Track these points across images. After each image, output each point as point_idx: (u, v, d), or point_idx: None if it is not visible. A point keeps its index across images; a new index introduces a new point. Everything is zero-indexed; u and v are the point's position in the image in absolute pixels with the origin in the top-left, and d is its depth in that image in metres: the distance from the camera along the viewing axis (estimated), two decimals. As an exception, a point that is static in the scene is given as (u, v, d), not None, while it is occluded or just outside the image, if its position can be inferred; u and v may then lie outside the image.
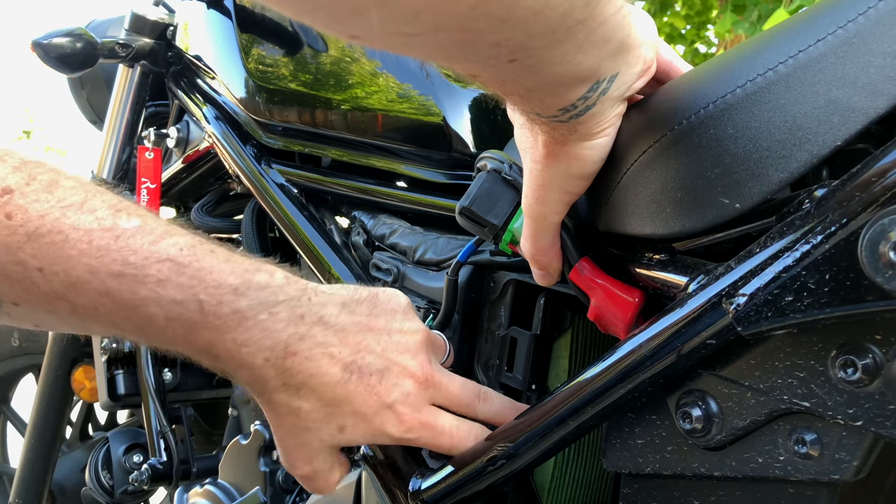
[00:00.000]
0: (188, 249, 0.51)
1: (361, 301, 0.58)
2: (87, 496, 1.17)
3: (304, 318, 0.54)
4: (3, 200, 0.47)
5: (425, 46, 0.38)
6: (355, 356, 0.55)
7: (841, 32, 0.42)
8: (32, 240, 0.47)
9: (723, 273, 0.43)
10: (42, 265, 0.48)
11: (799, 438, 0.43)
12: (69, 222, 0.48)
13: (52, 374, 1.30)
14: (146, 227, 0.51)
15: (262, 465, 0.88)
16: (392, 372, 0.56)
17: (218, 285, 0.51)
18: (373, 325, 0.57)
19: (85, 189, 0.50)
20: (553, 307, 0.65)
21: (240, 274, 0.52)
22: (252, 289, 0.52)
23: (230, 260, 0.53)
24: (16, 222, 0.47)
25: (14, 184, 0.48)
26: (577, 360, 0.66)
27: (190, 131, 1.16)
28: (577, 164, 0.50)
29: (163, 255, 0.50)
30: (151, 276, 0.50)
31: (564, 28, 0.38)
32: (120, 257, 0.49)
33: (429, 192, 0.82)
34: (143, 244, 0.50)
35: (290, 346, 0.53)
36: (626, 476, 0.52)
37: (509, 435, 0.54)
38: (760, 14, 4.99)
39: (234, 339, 0.52)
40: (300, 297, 0.55)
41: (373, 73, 0.83)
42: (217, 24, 1.03)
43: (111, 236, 0.49)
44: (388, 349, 0.57)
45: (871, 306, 0.37)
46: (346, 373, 0.55)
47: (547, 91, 0.44)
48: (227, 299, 0.51)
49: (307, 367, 0.54)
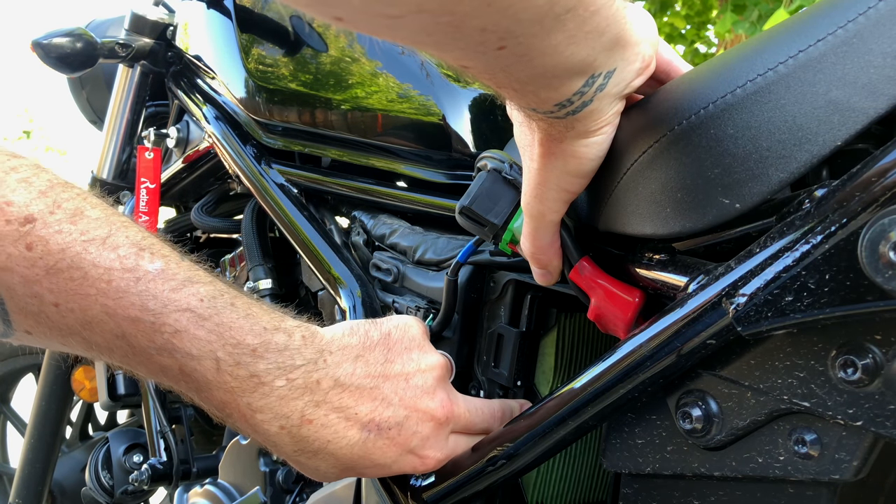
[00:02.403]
0: (209, 301, 0.50)
1: (374, 346, 0.56)
2: (87, 496, 1.17)
3: (321, 384, 0.53)
4: (24, 230, 0.45)
5: (410, 30, 0.38)
6: (373, 414, 0.54)
7: (841, 32, 0.42)
8: (51, 275, 0.46)
9: (723, 273, 0.43)
10: (58, 301, 0.46)
11: (799, 438, 0.43)
12: (90, 258, 0.46)
13: (52, 374, 1.30)
14: (168, 271, 0.49)
15: (262, 465, 0.88)
16: (411, 419, 0.56)
17: (237, 344, 0.50)
18: (389, 373, 0.56)
19: (110, 222, 0.48)
20: (539, 305, 0.65)
21: (259, 333, 0.51)
22: (270, 351, 0.51)
23: (250, 315, 0.51)
24: (35, 254, 0.45)
25: (38, 212, 0.46)
26: (563, 357, 0.66)
27: (190, 131, 1.16)
28: (574, 162, 0.50)
29: (182, 305, 0.48)
30: (169, 325, 0.48)
31: (553, 15, 0.38)
32: (139, 301, 0.47)
33: (429, 192, 0.82)
34: (163, 290, 0.48)
35: (307, 415, 0.52)
36: (626, 476, 0.52)
37: (509, 435, 0.54)
38: (760, 14, 4.99)
39: (250, 405, 0.51)
40: (317, 359, 0.53)
41: (373, 73, 0.83)
42: (217, 24, 1.03)
43: (132, 278, 0.47)
44: (406, 396, 0.56)
45: (871, 306, 0.37)
46: (364, 432, 0.54)
47: (540, 84, 0.44)
48: (244, 360, 0.50)
49: (323, 434, 0.53)
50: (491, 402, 0.61)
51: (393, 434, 0.55)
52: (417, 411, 0.56)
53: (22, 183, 0.46)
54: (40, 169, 0.48)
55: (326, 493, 0.77)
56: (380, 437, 0.54)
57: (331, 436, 0.53)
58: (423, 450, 0.56)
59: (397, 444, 0.55)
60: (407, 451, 0.56)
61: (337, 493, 0.74)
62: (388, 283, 0.80)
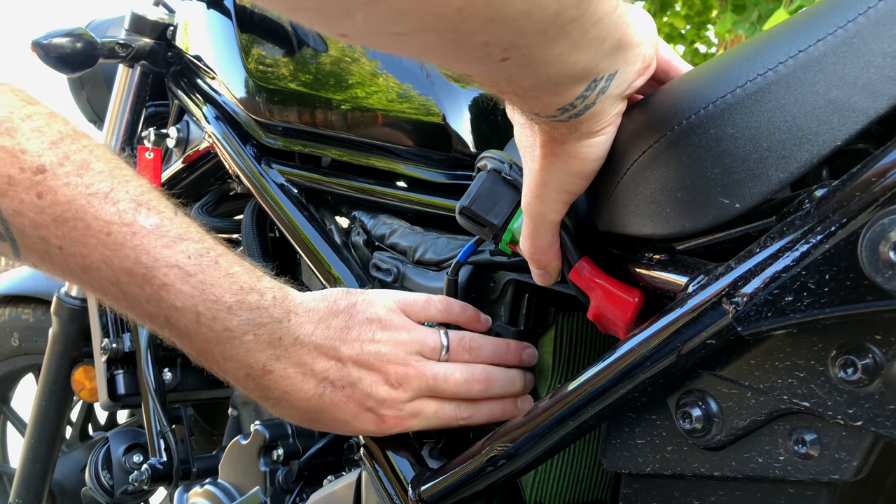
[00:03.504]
0: (195, 258, 0.54)
1: (339, 313, 0.61)
2: (87, 496, 1.17)
3: (282, 340, 0.57)
4: (37, 179, 0.50)
5: (415, 45, 0.38)
6: (327, 372, 0.59)
7: (841, 32, 0.42)
8: (57, 223, 0.50)
9: (723, 273, 0.43)
10: (63, 245, 0.51)
11: (799, 438, 0.43)
12: (93, 211, 0.51)
13: (52, 374, 1.30)
14: (162, 227, 0.53)
15: (262, 465, 0.88)
16: (365, 381, 0.59)
17: (215, 300, 0.54)
18: (346, 337, 0.60)
19: (113, 175, 0.52)
20: (537, 304, 0.65)
21: (236, 292, 0.55)
22: (243, 309, 0.55)
23: (230, 275, 0.56)
24: (45, 202, 0.50)
25: (48, 163, 0.50)
26: (560, 356, 0.66)
27: (190, 131, 1.16)
28: (576, 163, 0.50)
29: (171, 261, 0.53)
30: (158, 279, 0.53)
31: (557, 27, 0.38)
32: (133, 255, 0.52)
33: (429, 192, 0.82)
34: (155, 246, 0.52)
35: (268, 367, 0.57)
36: (626, 476, 0.52)
37: (509, 435, 0.54)
38: (760, 14, 4.99)
39: (222, 353, 0.56)
40: (282, 319, 0.58)
41: (373, 73, 0.83)
42: (217, 24, 1.03)
43: (129, 232, 0.52)
44: (360, 360, 0.59)
45: (871, 306, 0.37)
46: (320, 387, 0.58)
47: (544, 90, 0.44)
48: (220, 316, 0.55)
49: (282, 385, 0.58)
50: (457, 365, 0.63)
51: (348, 392, 0.59)
52: (372, 371, 0.60)
53: (36, 132, 0.50)
54: (53, 118, 0.52)
55: (326, 493, 0.77)
56: (335, 393, 0.59)
57: (289, 387, 0.58)
58: (380, 409, 0.60)
59: (354, 402, 0.59)
60: (364, 409, 0.60)
61: (337, 493, 0.74)
62: (388, 283, 0.80)
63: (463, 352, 0.63)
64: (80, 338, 1.27)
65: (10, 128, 0.50)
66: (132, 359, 1.15)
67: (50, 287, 1.36)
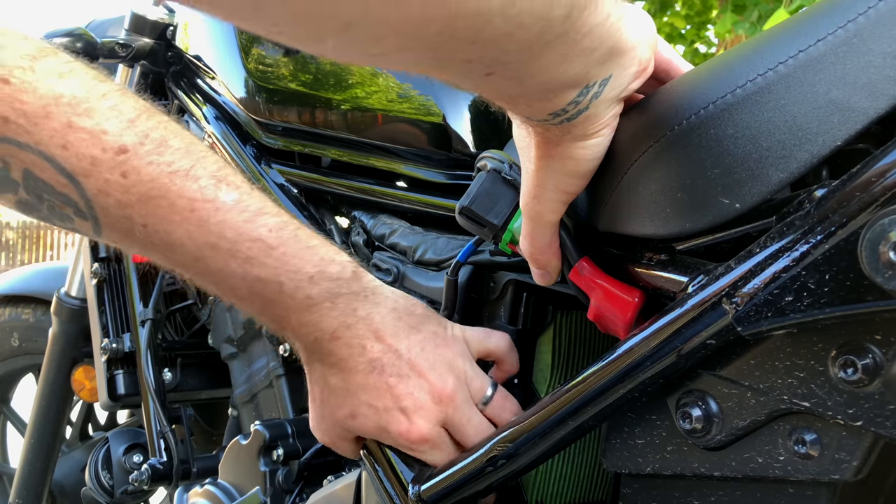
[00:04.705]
0: (276, 231, 0.56)
1: (413, 314, 0.61)
2: (87, 496, 1.17)
3: (356, 312, 0.59)
4: (120, 159, 0.51)
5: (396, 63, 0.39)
6: (383, 355, 0.59)
7: (841, 32, 0.42)
8: (142, 202, 0.52)
9: (723, 273, 0.43)
10: (147, 223, 0.52)
11: (799, 438, 0.43)
12: (176, 189, 0.52)
13: (52, 374, 1.30)
14: (242, 202, 0.55)
15: (262, 465, 0.88)
16: (412, 380, 0.59)
17: (297, 270, 0.56)
18: (411, 337, 0.60)
19: (190, 152, 0.54)
20: (536, 303, 0.65)
21: (316, 263, 0.57)
22: (325, 279, 0.58)
23: (311, 247, 0.58)
24: (129, 182, 0.51)
25: (130, 143, 0.51)
26: (559, 355, 0.66)
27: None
28: (572, 164, 0.49)
29: (254, 235, 0.55)
30: (241, 252, 0.54)
31: (542, 42, 0.37)
32: (217, 230, 0.54)
33: (429, 192, 0.82)
34: (238, 221, 0.54)
35: (337, 332, 0.58)
36: (626, 476, 0.52)
37: (509, 435, 0.54)
38: (760, 14, 4.99)
39: (299, 319, 0.58)
40: (359, 293, 0.59)
41: (373, 73, 0.83)
42: (217, 24, 1.03)
43: (212, 208, 0.53)
44: (415, 360, 0.59)
45: (871, 306, 0.37)
46: (370, 366, 0.59)
47: (533, 97, 0.44)
48: (302, 285, 0.57)
49: (343, 351, 0.59)
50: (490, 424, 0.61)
51: (392, 382, 0.59)
52: (421, 377, 0.59)
53: (113, 111, 0.51)
54: (125, 94, 0.53)
55: (326, 493, 0.77)
56: (381, 377, 0.59)
57: (346, 354, 0.59)
58: (413, 414, 0.59)
59: (392, 395, 0.59)
60: (398, 407, 0.59)
61: (337, 492, 0.74)
62: (387, 283, 0.80)
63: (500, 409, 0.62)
64: (80, 338, 1.27)
65: (88, 108, 0.50)
66: (132, 359, 1.15)
67: (50, 287, 1.36)
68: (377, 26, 0.33)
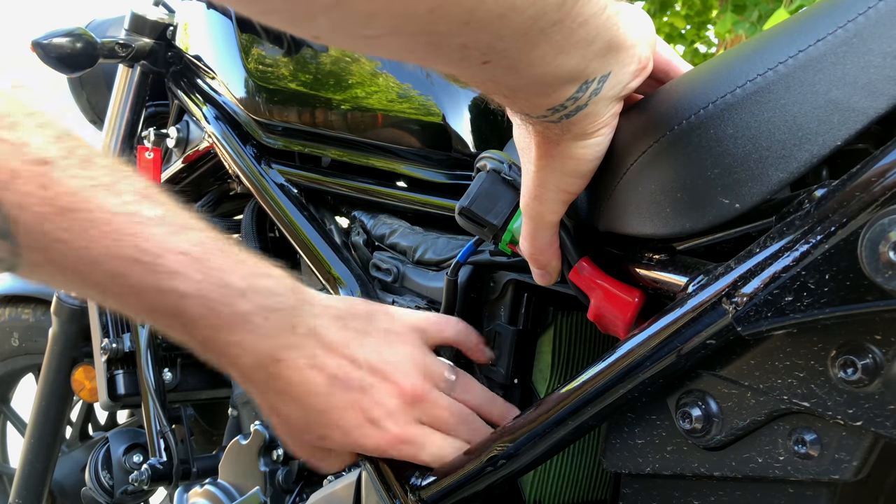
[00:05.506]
0: (202, 245, 0.53)
1: (358, 316, 0.59)
2: (87, 496, 1.17)
3: (296, 328, 0.55)
4: (41, 171, 0.48)
5: (390, 48, 0.38)
6: (340, 370, 0.56)
7: (841, 32, 0.42)
8: (61, 214, 0.49)
9: (723, 273, 0.43)
10: (66, 238, 0.49)
11: (799, 438, 0.43)
12: (97, 202, 0.50)
13: (52, 374, 1.30)
14: (167, 217, 0.52)
15: (262, 465, 0.88)
16: (377, 389, 0.57)
17: (225, 285, 0.53)
18: (363, 342, 0.58)
19: (115, 172, 0.52)
20: (536, 303, 0.65)
21: (246, 276, 0.54)
22: (256, 293, 0.54)
23: (241, 262, 0.54)
24: (49, 194, 0.48)
25: (52, 156, 0.49)
26: (559, 355, 0.66)
27: (190, 131, 1.16)
28: (572, 164, 0.49)
29: (178, 248, 0.51)
30: (164, 266, 0.51)
31: (537, 30, 0.37)
32: (137, 244, 0.50)
33: (429, 192, 0.82)
34: (160, 234, 0.51)
35: (277, 354, 0.55)
36: (626, 476, 0.52)
37: (509, 435, 0.54)
38: (760, 14, 4.99)
39: (228, 340, 0.54)
40: (297, 307, 0.56)
41: (373, 73, 0.83)
42: (217, 24, 1.03)
43: (133, 222, 0.51)
44: (376, 366, 0.57)
45: (871, 306, 0.37)
46: (330, 384, 0.56)
47: (531, 91, 0.43)
48: (231, 300, 0.53)
49: (291, 375, 0.55)
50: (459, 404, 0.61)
51: (356, 396, 0.56)
52: (386, 381, 0.57)
53: (39, 127, 0.49)
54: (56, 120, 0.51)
55: (326, 492, 0.77)
56: (344, 395, 0.56)
57: (297, 378, 0.55)
58: (384, 422, 0.57)
59: (359, 410, 0.56)
60: (368, 419, 0.56)
61: (337, 492, 0.74)
62: (388, 283, 0.80)
63: (463, 391, 0.62)
64: (80, 338, 1.27)
65: (13, 122, 0.49)
66: (132, 359, 1.15)
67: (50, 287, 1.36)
68: (367, 2, 0.33)
